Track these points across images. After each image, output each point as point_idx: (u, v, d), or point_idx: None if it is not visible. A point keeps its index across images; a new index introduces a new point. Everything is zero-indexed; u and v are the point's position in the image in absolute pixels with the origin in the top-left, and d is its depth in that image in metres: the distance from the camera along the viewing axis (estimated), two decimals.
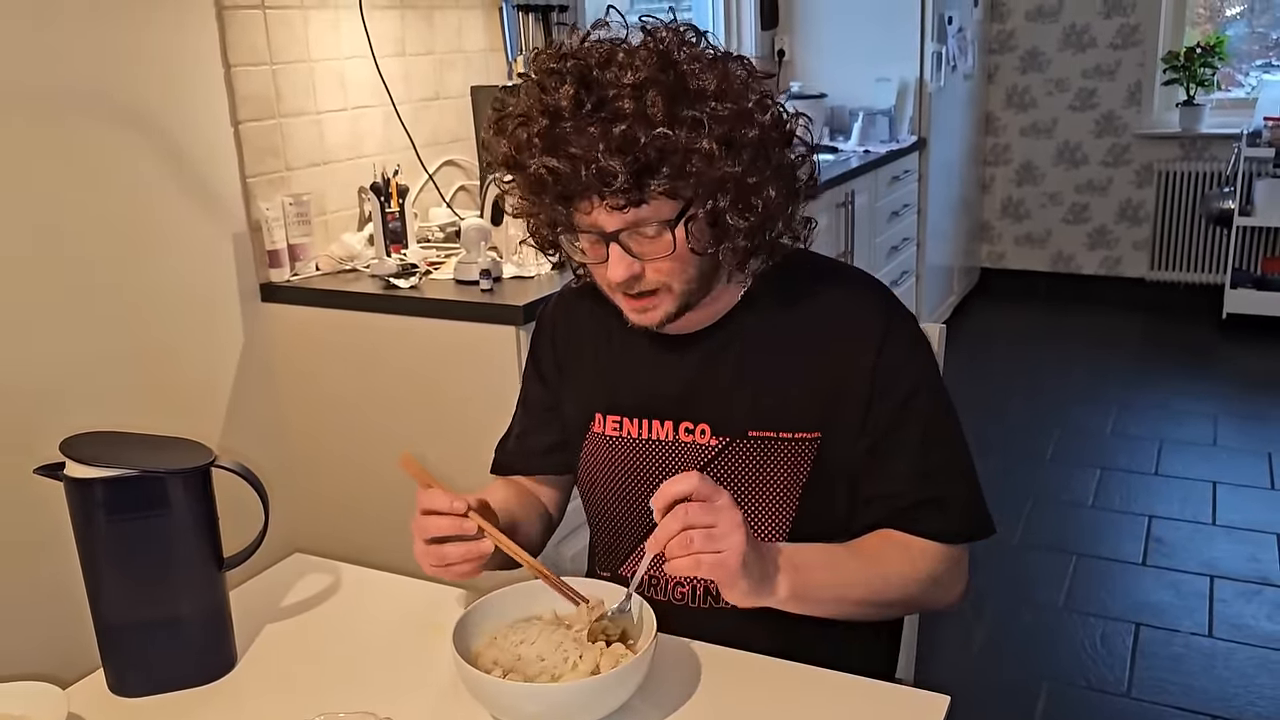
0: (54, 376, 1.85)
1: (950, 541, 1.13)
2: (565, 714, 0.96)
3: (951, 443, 1.16)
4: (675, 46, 1.04)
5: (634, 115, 0.99)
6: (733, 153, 1.02)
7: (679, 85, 1.01)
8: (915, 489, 1.12)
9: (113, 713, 1.04)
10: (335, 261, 2.27)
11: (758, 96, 1.06)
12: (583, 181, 1.00)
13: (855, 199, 3.62)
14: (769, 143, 1.06)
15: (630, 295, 1.10)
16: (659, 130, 0.99)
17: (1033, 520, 3.08)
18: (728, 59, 1.07)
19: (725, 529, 0.94)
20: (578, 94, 1.00)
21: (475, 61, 2.70)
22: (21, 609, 1.80)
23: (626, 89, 0.99)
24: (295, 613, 1.22)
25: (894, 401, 1.12)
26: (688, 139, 1.00)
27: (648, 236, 1.05)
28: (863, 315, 1.14)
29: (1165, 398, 3.99)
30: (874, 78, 4.26)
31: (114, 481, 1.01)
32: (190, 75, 2.03)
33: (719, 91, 1.02)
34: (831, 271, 1.20)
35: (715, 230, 1.06)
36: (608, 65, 1.01)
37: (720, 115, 1.01)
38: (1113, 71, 5.05)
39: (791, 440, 1.14)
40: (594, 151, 0.99)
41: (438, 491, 1.06)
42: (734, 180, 1.03)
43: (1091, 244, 5.32)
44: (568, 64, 1.03)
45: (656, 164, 1.00)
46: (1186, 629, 2.50)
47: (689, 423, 1.17)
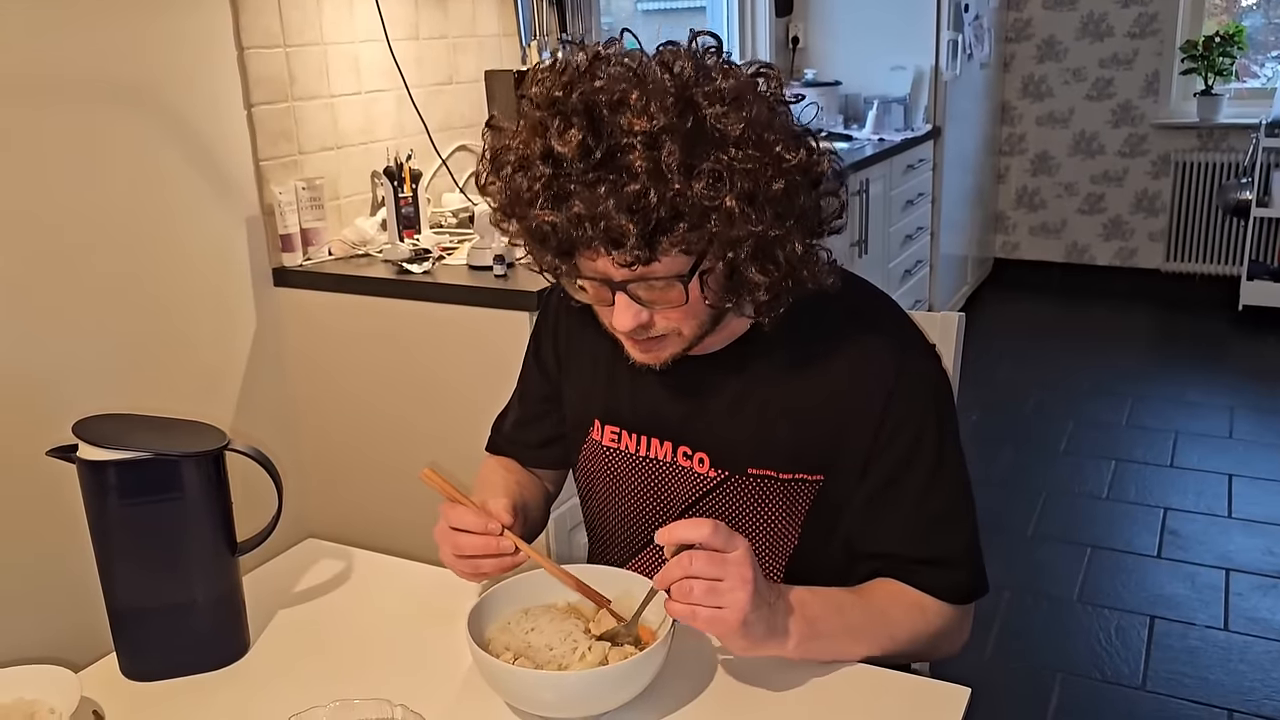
0: (67, 360, 1.84)
1: (949, 600, 1.08)
2: (580, 703, 0.95)
3: (954, 498, 1.10)
4: (694, 82, 0.93)
5: (648, 172, 0.89)
6: (755, 208, 0.92)
7: (698, 132, 0.91)
8: (912, 547, 1.07)
9: (125, 696, 1.04)
10: (348, 246, 2.26)
11: (786, 136, 0.96)
12: (588, 237, 0.92)
13: (870, 187, 3.60)
14: (795, 191, 0.96)
15: (635, 340, 1.03)
16: (674, 186, 0.89)
17: (1047, 512, 3.06)
18: (753, 85, 0.96)
19: (731, 584, 0.90)
20: (584, 141, 0.90)
21: (489, 46, 2.69)
22: (34, 592, 1.80)
23: (639, 138, 0.89)
24: (308, 598, 1.21)
25: (898, 453, 1.07)
26: (706, 195, 0.90)
27: (658, 287, 0.97)
28: (875, 360, 1.07)
29: (1180, 390, 3.96)
30: (889, 66, 4.22)
31: (127, 464, 1.01)
32: (203, 58, 2.02)
33: (742, 138, 0.92)
34: (849, 305, 1.09)
35: (732, 283, 0.98)
36: (619, 108, 0.90)
37: (743, 168, 0.91)
38: (1130, 61, 5.01)
39: (792, 481, 1.10)
40: (601, 209, 0.89)
41: (468, 511, 1.05)
42: (755, 236, 0.94)
43: (1107, 235, 5.28)
44: (573, 97, 0.92)
45: (671, 221, 0.90)
46: (1202, 622, 2.48)
47: (688, 448, 1.13)
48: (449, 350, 2.07)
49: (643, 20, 4.17)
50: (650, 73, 0.93)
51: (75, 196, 1.84)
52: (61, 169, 1.81)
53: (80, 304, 1.86)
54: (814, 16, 4.41)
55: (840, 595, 1.04)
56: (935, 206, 4.41)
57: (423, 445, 2.15)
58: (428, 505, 1.41)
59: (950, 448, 1.10)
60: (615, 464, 1.19)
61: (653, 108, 0.89)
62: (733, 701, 0.98)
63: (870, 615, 1.04)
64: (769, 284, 0.97)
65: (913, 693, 0.99)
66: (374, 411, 2.20)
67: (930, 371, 1.10)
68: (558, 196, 0.92)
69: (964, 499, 1.11)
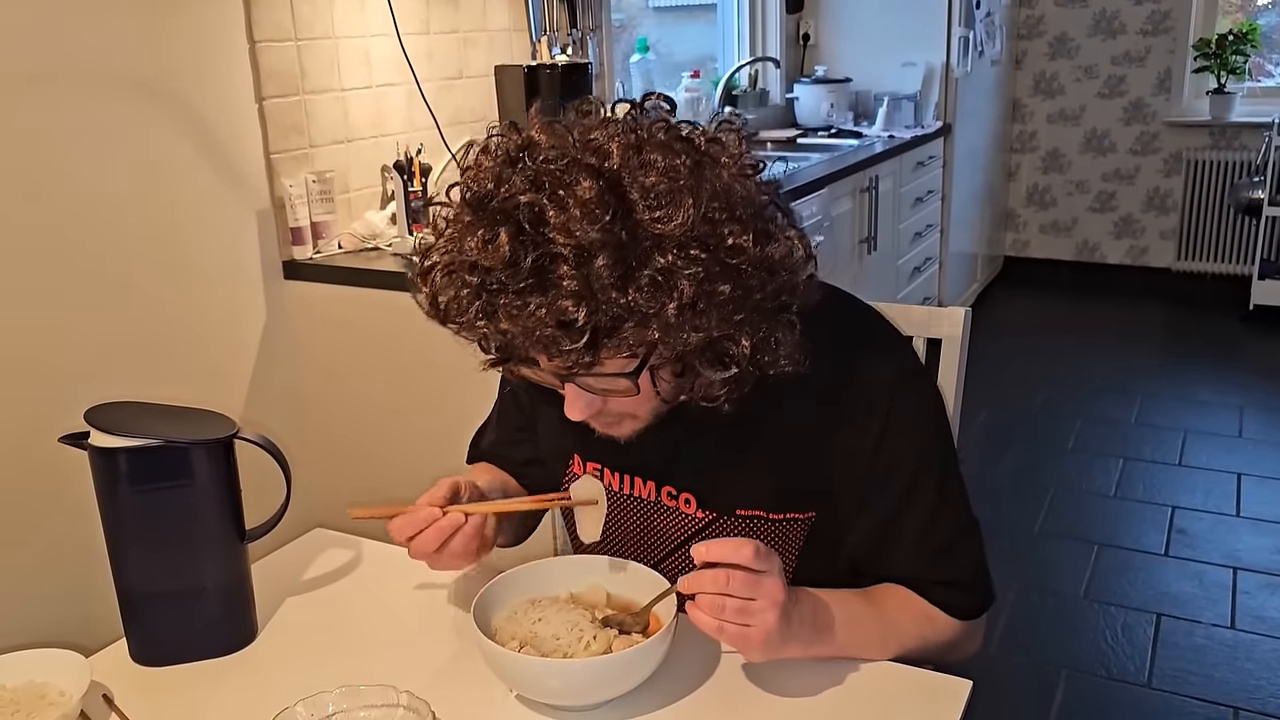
0: (79, 349, 1.86)
1: (958, 617, 1.08)
2: (586, 690, 0.96)
3: (959, 524, 1.08)
4: (631, 174, 0.85)
5: (578, 290, 0.82)
6: (699, 314, 0.85)
7: (632, 240, 0.83)
8: (921, 570, 1.06)
9: (134, 681, 1.05)
10: (357, 240, 2.27)
11: (743, 218, 0.88)
12: (523, 346, 0.88)
13: (879, 184, 3.59)
14: (746, 288, 0.88)
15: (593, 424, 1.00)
16: (610, 296, 0.82)
17: (1054, 509, 3.06)
18: (706, 162, 0.88)
19: (762, 605, 0.89)
20: (514, 251, 0.83)
21: (499, 40, 2.69)
22: (46, 577, 1.81)
23: (569, 251, 0.82)
24: (316, 586, 1.22)
25: (897, 487, 1.05)
26: (645, 304, 0.83)
27: (606, 379, 0.92)
28: (865, 393, 1.03)
29: (1190, 388, 3.95)
30: (900, 62, 4.22)
31: (138, 451, 1.02)
32: (215, 51, 2.03)
33: (683, 239, 0.84)
34: (835, 333, 1.04)
35: (683, 380, 0.95)
36: (546, 218, 0.83)
37: (685, 273, 0.84)
38: (1142, 58, 4.99)
39: (783, 520, 1.08)
40: (534, 322, 0.83)
41: (404, 519, 1.03)
42: (701, 340, 0.88)
43: (1118, 233, 5.26)
44: (500, 200, 0.85)
45: (610, 330, 0.85)
46: (1209, 620, 2.48)
47: (672, 488, 1.11)
48: (458, 343, 2.07)
49: (654, 17, 4.17)
50: (581, 171, 0.84)
51: (87, 188, 1.85)
52: (74, 160, 1.82)
53: (92, 294, 1.87)
54: (825, 13, 4.41)
55: (855, 605, 1.03)
56: (945, 204, 4.40)
57: (430, 437, 2.16)
58: None
59: (950, 473, 1.08)
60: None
61: (580, 219, 0.82)
62: (736, 690, 0.99)
63: (881, 625, 1.04)
64: (722, 380, 0.93)
65: (914, 684, 1.00)
66: (382, 403, 2.21)
67: (924, 397, 1.07)
68: (488, 308, 0.86)
69: (968, 520, 1.09)
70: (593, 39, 2.92)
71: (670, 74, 3.71)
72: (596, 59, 2.96)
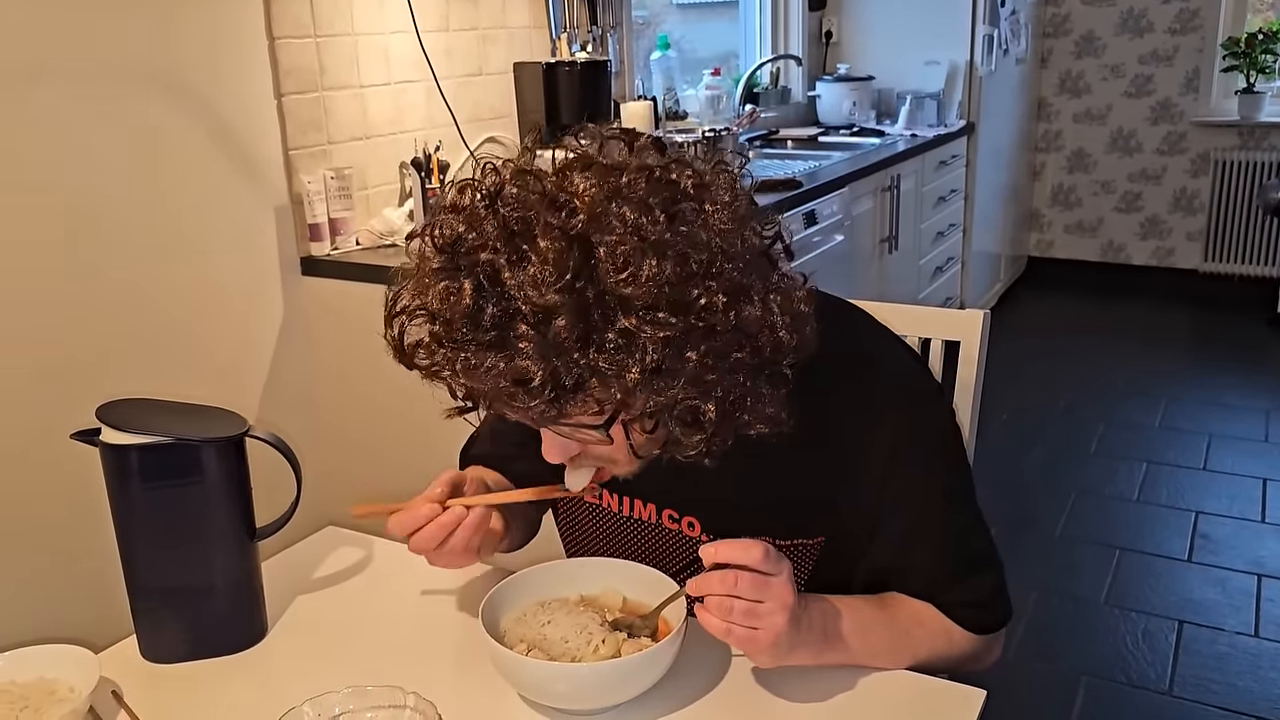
0: (94, 345, 1.87)
1: (976, 632, 1.06)
2: (593, 694, 0.95)
3: (973, 544, 1.06)
4: (601, 225, 0.81)
5: (537, 348, 0.80)
6: (665, 379, 0.83)
7: (596, 300, 0.80)
8: (937, 593, 1.04)
9: (144, 678, 1.05)
10: (375, 236, 2.27)
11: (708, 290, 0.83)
12: (486, 398, 0.87)
13: (900, 183, 3.57)
14: (723, 351, 0.85)
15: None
16: (572, 358, 0.80)
17: (1076, 513, 3.02)
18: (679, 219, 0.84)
19: (770, 608, 0.88)
20: (475, 302, 0.81)
21: (519, 37, 2.69)
22: (56, 573, 1.82)
23: (530, 310, 0.79)
24: (327, 585, 1.22)
25: (909, 514, 1.03)
26: (607, 365, 0.81)
27: (580, 432, 0.90)
28: (875, 419, 1.00)
29: (1216, 392, 3.89)
30: (923, 60, 4.19)
31: (149, 448, 1.02)
32: (234, 47, 2.04)
33: (652, 300, 0.80)
34: (843, 353, 1.00)
35: (654, 436, 0.91)
36: (506, 275, 0.80)
37: (650, 335, 0.80)
38: (1170, 57, 4.93)
39: (790, 546, 1.05)
40: (494, 379, 0.82)
41: (405, 514, 1.03)
42: (669, 401, 0.85)
43: (1144, 234, 5.20)
44: (468, 242, 0.83)
45: (574, 389, 0.82)
46: (1232, 628, 2.44)
47: (674, 511, 1.09)
48: None
49: (677, 14, 4.16)
50: (546, 230, 0.81)
51: (104, 182, 1.86)
52: (93, 155, 1.83)
53: (108, 290, 1.88)
54: (848, 11, 4.38)
55: (867, 613, 1.01)
56: (968, 203, 4.36)
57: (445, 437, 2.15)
58: None
59: (963, 499, 1.06)
60: (600, 520, 1.15)
61: (539, 278, 0.79)
62: (745, 696, 0.98)
63: (894, 634, 1.02)
64: (696, 440, 0.89)
65: (927, 693, 0.98)
66: (398, 401, 2.20)
67: (935, 420, 1.05)
68: (449, 360, 0.84)
69: (983, 544, 1.07)
70: (613, 36, 2.91)
71: (691, 71, 3.69)
72: (616, 56, 2.95)
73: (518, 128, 2.65)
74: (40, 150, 1.75)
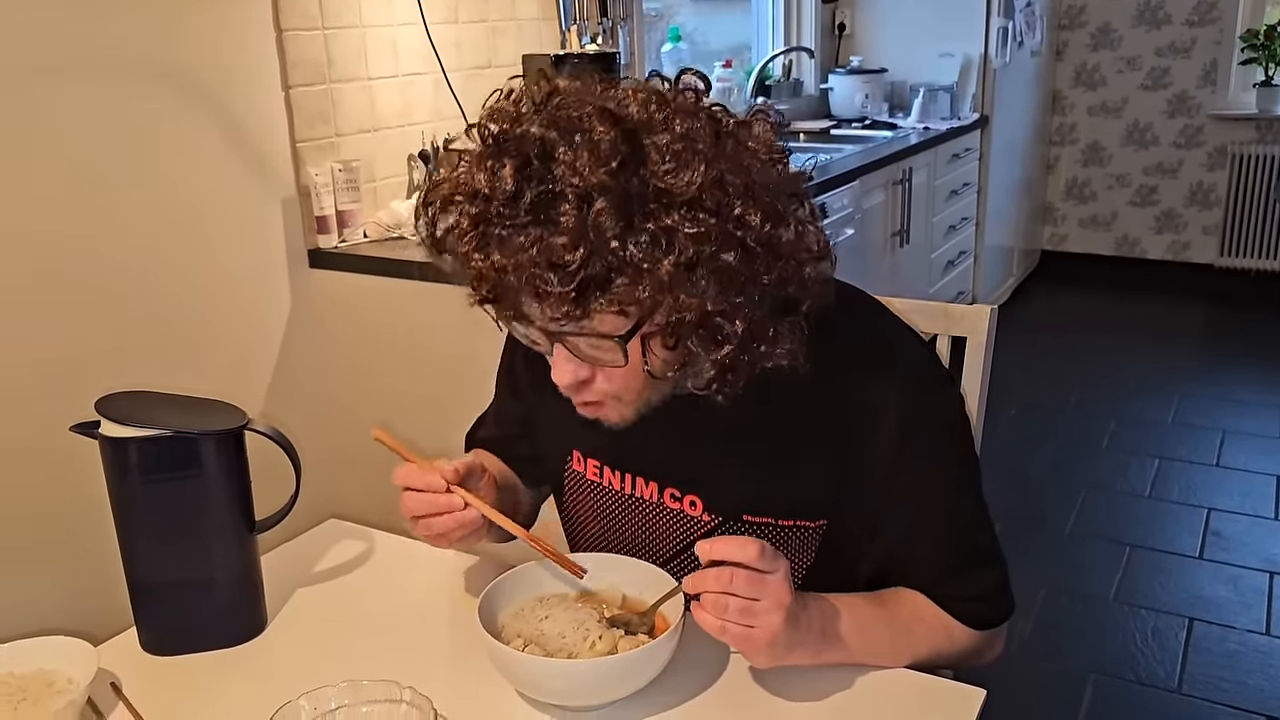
0: (101, 336, 1.87)
1: (977, 628, 1.05)
2: (589, 691, 0.95)
3: (978, 537, 1.06)
4: (648, 130, 0.84)
5: (576, 228, 0.80)
6: (696, 279, 0.83)
7: (640, 191, 0.82)
8: (939, 586, 1.04)
9: (143, 669, 1.05)
10: (383, 229, 2.27)
11: (746, 201, 0.85)
12: (515, 288, 0.84)
13: (913, 176, 3.55)
14: (751, 264, 0.86)
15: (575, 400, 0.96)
16: (608, 244, 0.81)
17: (1086, 509, 3.00)
18: (729, 138, 0.87)
19: (766, 606, 0.87)
20: (516, 184, 0.82)
21: (528, 30, 2.68)
22: (56, 566, 1.83)
23: (572, 190, 0.81)
24: (327, 578, 1.22)
25: (915, 504, 1.02)
26: (642, 257, 0.81)
27: (597, 343, 0.89)
28: (880, 397, 0.99)
29: (1230, 388, 3.86)
30: (937, 53, 4.16)
31: (148, 441, 1.02)
32: (242, 39, 2.04)
33: (694, 199, 0.82)
34: (851, 333, 1.02)
35: (674, 354, 0.90)
36: (555, 155, 0.82)
37: (688, 232, 0.82)
38: (1188, 50, 4.88)
39: (793, 528, 1.04)
40: (526, 260, 0.81)
41: (413, 469, 1.03)
42: (695, 309, 0.85)
43: (1159, 228, 5.16)
44: (514, 136, 0.84)
45: (603, 280, 0.82)
46: (1243, 626, 2.42)
47: (676, 490, 1.08)
48: (480, 334, 2.06)
49: (690, 5, 4.14)
50: (599, 118, 0.83)
51: (113, 175, 1.86)
52: (100, 148, 1.83)
53: (114, 282, 1.89)
54: (861, 3, 4.35)
55: (866, 611, 1.01)
56: (981, 197, 4.34)
57: (453, 429, 2.15)
58: None
59: (969, 491, 1.06)
60: (600, 499, 1.14)
61: (589, 160, 0.81)
62: (743, 694, 0.97)
63: (894, 634, 1.01)
64: (716, 361, 0.89)
65: (927, 692, 0.98)
66: (405, 394, 2.21)
67: (944, 409, 1.04)
68: (482, 239, 0.84)
69: (987, 538, 1.07)
70: (623, 28, 2.90)
71: (704, 63, 3.68)
72: (626, 48, 2.94)
73: None
74: (48, 143, 1.75)
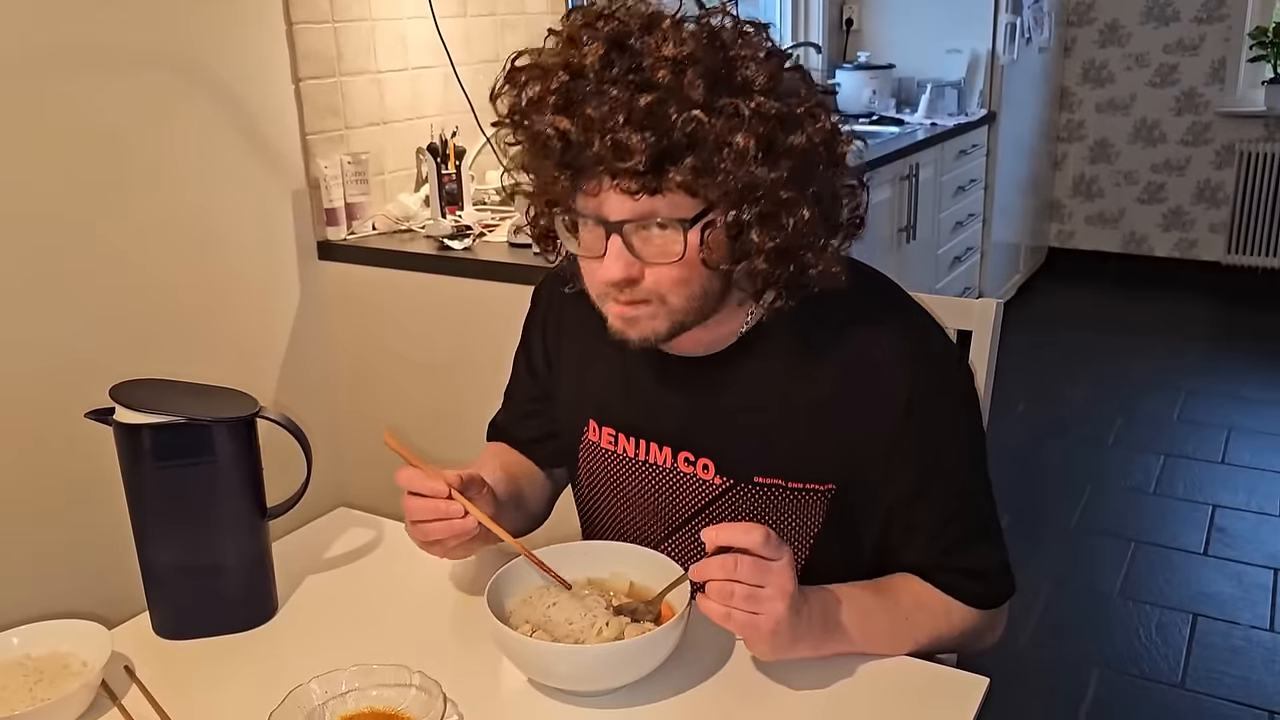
0: (112, 326, 1.88)
1: (978, 607, 1.07)
2: (595, 676, 0.96)
3: (982, 510, 1.07)
4: (729, 32, 0.92)
5: (666, 88, 0.86)
6: (770, 157, 0.89)
7: (724, 70, 0.89)
8: (940, 559, 1.05)
9: (155, 654, 1.06)
10: (391, 221, 2.28)
11: (812, 104, 0.94)
12: (594, 153, 0.87)
13: (920, 172, 3.55)
14: (814, 157, 0.93)
15: (619, 300, 0.97)
16: (692, 112, 0.86)
17: (1091, 505, 3.01)
18: (784, 60, 0.95)
19: (771, 593, 0.88)
20: (608, 54, 0.88)
21: (537, 24, 2.69)
22: (72, 550, 1.85)
23: (664, 60, 0.87)
24: (337, 565, 1.23)
25: (921, 468, 1.03)
26: (723, 129, 0.87)
27: (656, 235, 0.92)
28: (890, 364, 1.01)
29: (1237, 385, 3.86)
30: (944, 49, 4.15)
31: (161, 428, 1.03)
32: (252, 31, 2.05)
33: (767, 88, 0.90)
34: (862, 303, 1.04)
35: (734, 245, 0.94)
36: (650, 31, 0.89)
37: (764, 112, 0.89)
38: (1196, 47, 4.87)
39: (802, 490, 1.05)
40: (613, 119, 0.86)
41: (417, 473, 1.04)
42: (765, 189, 0.90)
43: (1166, 225, 5.16)
44: (603, 26, 0.90)
45: (682, 150, 0.87)
46: (1247, 622, 2.43)
47: (689, 454, 1.09)
48: (488, 326, 2.08)
49: None
50: (684, 20, 0.92)
51: (122, 166, 1.87)
52: (112, 139, 1.85)
53: (125, 273, 1.90)
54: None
55: (867, 601, 1.02)
56: (988, 193, 4.34)
57: (460, 419, 2.16)
58: None
59: (976, 458, 1.07)
60: (614, 467, 1.16)
61: (683, 35, 0.89)
62: (747, 682, 0.98)
63: (894, 622, 1.02)
64: (773, 249, 0.93)
65: (930, 680, 0.99)
66: (413, 384, 2.22)
67: (952, 377, 1.05)
68: (570, 102, 0.89)
69: (990, 511, 1.08)
70: None
71: None
72: None
73: None
74: (59, 135, 1.77)
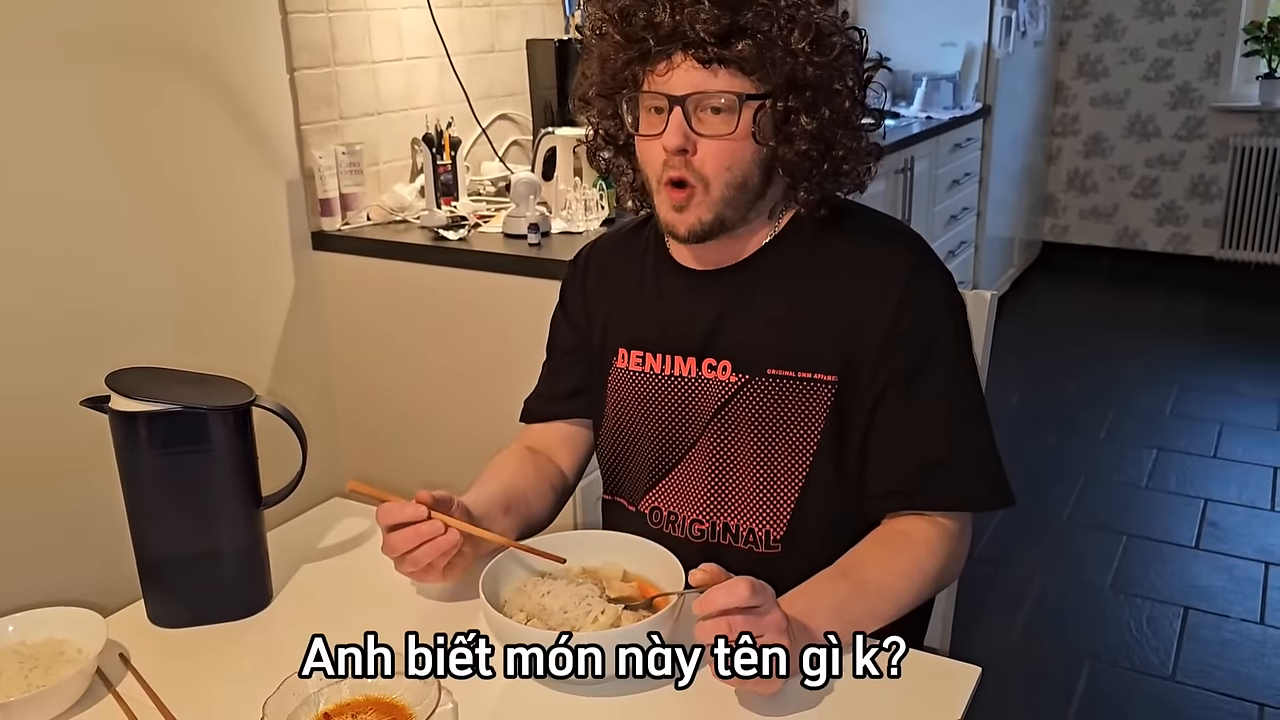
0: (107, 314, 1.88)
1: (958, 509, 1.11)
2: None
3: (967, 406, 1.13)
4: None
5: None
6: (820, 51, 1.06)
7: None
8: (922, 448, 1.10)
9: (150, 641, 1.07)
10: (386, 212, 2.28)
11: (848, 27, 1.11)
12: (673, 23, 1.03)
13: (915, 165, 3.55)
14: (850, 63, 1.09)
15: (671, 185, 1.09)
16: (761, 7, 1.03)
17: (1084, 498, 3.02)
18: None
19: (770, 638, 0.89)
20: None
21: (532, 14, 2.68)
22: (67, 538, 1.85)
23: None
24: (331, 554, 1.24)
25: (910, 353, 1.10)
26: (784, 20, 1.04)
27: (712, 112, 1.06)
28: (890, 261, 1.13)
29: (1229, 380, 3.88)
30: (940, 42, 4.16)
31: (157, 415, 1.03)
32: (247, 21, 2.04)
33: (818, 3, 1.07)
34: (865, 218, 1.19)
35: (781, 130, 1.08)
36: None
37: (815, 19, 1.05)
38: (1191, 41, 4.88)
39: (810, 381, 1.13)
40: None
41: (392, 505, 1.04)
42: (814, 77, 1.06)
43: (1160, 220, 5.17)
44: None
45: (750, 29, 1.03)
46: (1237, 615, 2.44)
47: (711, 359, 1.17)
48: (482, 316, 2.08)
49: None
50: None
51: (118, 155, 1.87)
52: (106, 129, 1.84)
53: (121, 261, 1.90)
54: None
55: (837, 593, 1.03)
56: (983, 187, 4.34)
57: (455, 409, 2.17)
58: (459, 467, 1.43)
59: (964, 359, 1.14)
60: (640, 387, 1.22)
61: None
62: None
63: (870, 602, 1.04)
64: (814, 132, 1.07)
65: (923, 669, 0.99)
66: (408, 375, 2.22)
67: (943, 286, 1.14)
68: None
69: (979, 405, 1.14)
70: None
71: None
72: None
73: (530, 105, 2.65)
74: (52, 123, 1.76)
